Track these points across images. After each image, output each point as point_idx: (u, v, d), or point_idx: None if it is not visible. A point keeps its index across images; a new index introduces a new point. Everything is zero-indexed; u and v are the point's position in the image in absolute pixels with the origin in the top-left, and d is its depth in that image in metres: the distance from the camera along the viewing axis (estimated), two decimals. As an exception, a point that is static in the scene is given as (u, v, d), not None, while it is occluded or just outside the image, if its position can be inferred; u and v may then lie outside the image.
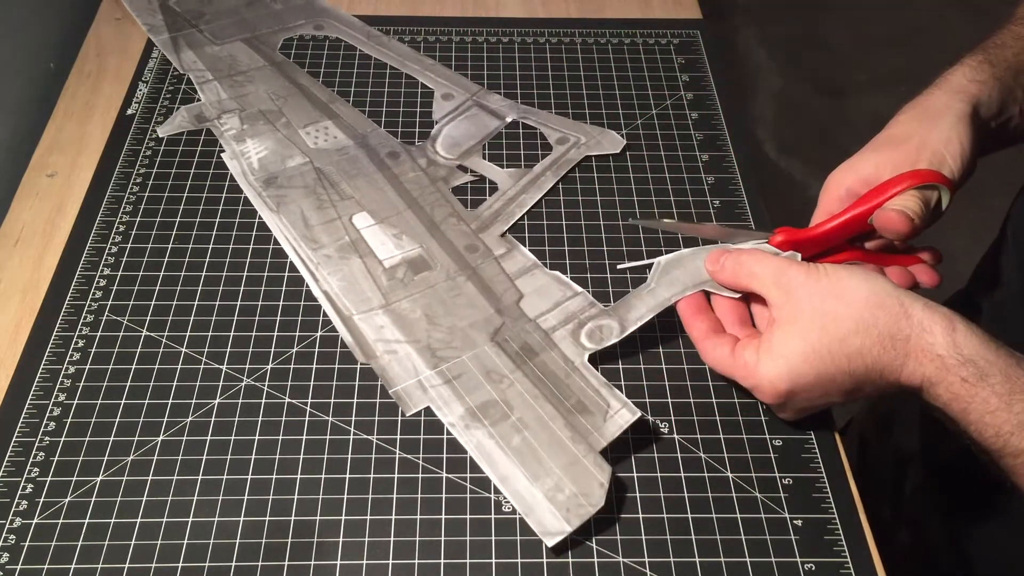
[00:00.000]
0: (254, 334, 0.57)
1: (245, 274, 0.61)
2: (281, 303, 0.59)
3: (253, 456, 0.52)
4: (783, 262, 0.50)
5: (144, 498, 0.50)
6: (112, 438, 0.52)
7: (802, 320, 0.47)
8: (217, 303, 0.59)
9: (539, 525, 0.48)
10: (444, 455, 0.52)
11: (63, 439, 0.52)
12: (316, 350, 0.57)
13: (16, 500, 0.50)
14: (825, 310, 0.47)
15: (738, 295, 0.53)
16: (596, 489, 0.49)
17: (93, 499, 0.50)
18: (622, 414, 0.52)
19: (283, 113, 0.72)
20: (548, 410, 0.53)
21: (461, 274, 0.60)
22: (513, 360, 0.55)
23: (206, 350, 0.56)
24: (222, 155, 0.68)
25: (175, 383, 0.55)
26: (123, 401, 0.54)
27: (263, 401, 0.54)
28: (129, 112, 0.72)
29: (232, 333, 0.57)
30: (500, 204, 0.65)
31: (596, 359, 0.56)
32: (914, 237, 0.51)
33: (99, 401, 0.54)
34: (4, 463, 0.51)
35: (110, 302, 0.59)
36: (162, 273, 0.61)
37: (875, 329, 0.45)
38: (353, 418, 0.54)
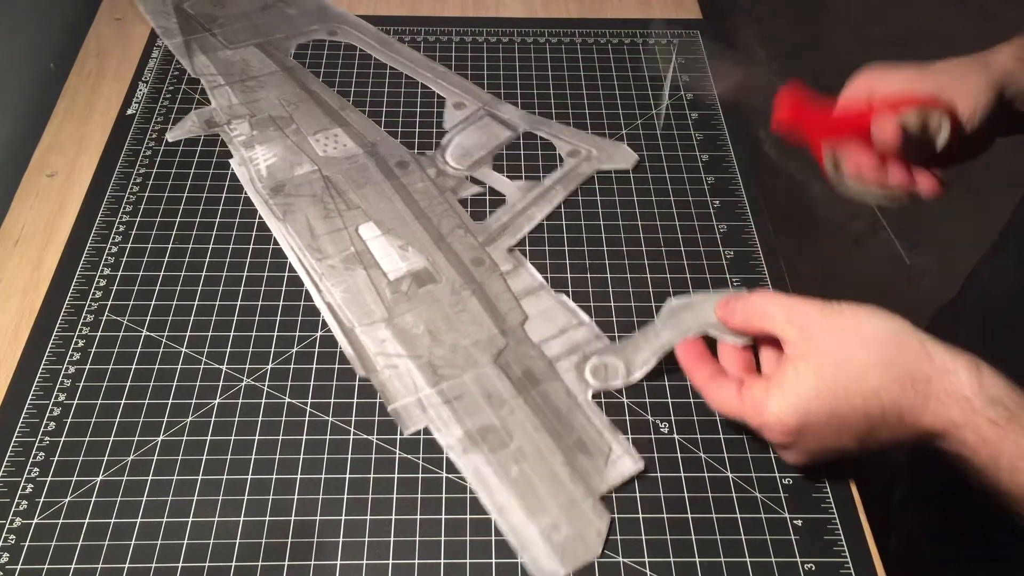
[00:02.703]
0: (254, 334, 0.57)
1: (245, 274, 0.61)
2: (281, 303, 0.59)
3: (253, 456, 0.52)
4: (796, 300, 0.48)
5: (144, 498, 0.50)
6: (112, 438, 0.52)
7: (817, 357, 0.45)
8: (217, 303, 0.59)
9: (533, 563, 0.48)
10: (444, 455, 0.52)
11: (63, 439, 0.52)
12: (316, 350, 0.57)
13: (16, 500, 0.50)
14: (841, 347, 0.45)
15: (746, 341, 0.52)
16: (593, 536, 0.48)
17: (93, 499, 0.50)
18: (624, 462, 0.51)
19: (293, 119, 0.71)
20: (548, 443, 0.52)
21: (466, 288, 0.59)
22: (515, 385, 0.54)
23: (206, 350, 0.56)
24: (230, 161, 0.68)
25: (175, 383, 0.55)
26: (123, 401, 0.54)
27: (263, 401, 0.54)
28: (129, 112, 0.72)
29: (232, 333, 0.57)
30: (508, 217, 0.64)
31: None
32: (905, 154, 0.52)
33: (99, 401, 0.54)
34: (4, 463, 0.51)
35: (110, 302, 0.59)
36: (162, 273, 0.61)
37: (894, 368, 0.44)
38: (353, 418, 0.54)
